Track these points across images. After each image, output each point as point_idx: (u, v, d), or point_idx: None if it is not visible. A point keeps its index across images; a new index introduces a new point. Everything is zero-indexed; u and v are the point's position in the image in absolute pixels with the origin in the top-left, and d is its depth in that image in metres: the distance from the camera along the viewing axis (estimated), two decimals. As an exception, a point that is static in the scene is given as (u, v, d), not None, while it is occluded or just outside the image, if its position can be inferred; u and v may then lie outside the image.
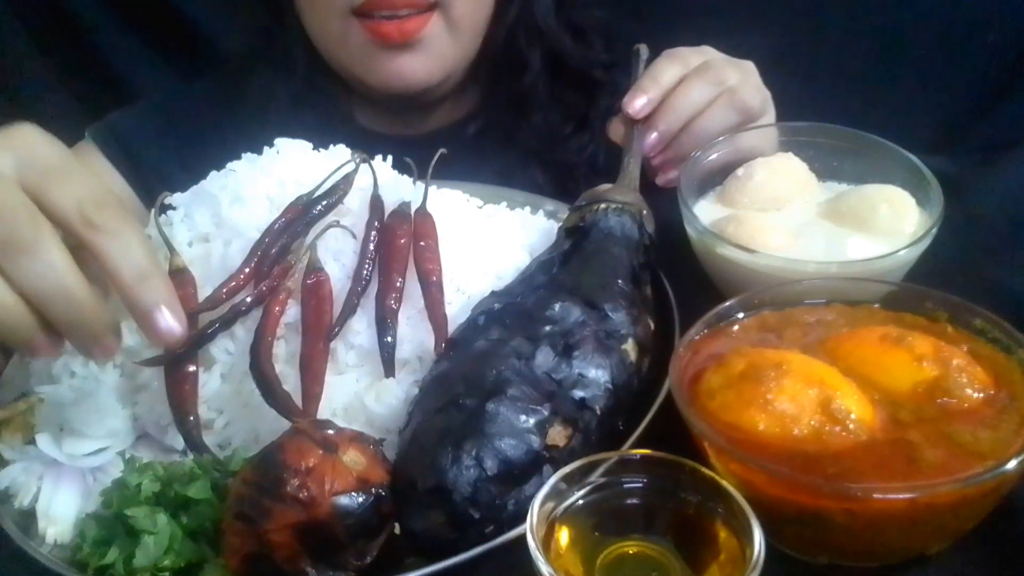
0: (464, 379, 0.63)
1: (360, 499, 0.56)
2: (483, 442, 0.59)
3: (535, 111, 1.12)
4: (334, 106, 1.12)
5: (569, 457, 0.60)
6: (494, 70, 1.12)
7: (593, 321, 0.68)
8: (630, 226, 0.77)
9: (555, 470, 0.56)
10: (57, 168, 0.58)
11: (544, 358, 0.64)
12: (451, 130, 1.16)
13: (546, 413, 0.61)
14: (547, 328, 0.66)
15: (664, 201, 0.81)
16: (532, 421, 0.61)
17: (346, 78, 1.09)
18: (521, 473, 0.59)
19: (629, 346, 0.68)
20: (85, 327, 0.57)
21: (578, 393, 0.63)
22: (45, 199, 0.56)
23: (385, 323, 0.69)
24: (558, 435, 0.61)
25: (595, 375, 0.64)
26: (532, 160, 1.11)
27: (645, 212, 0.80)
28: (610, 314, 0.68)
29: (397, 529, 0.59)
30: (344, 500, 0.55)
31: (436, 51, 1.02)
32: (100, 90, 1.43)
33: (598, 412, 0.64)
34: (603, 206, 0.78)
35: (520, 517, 0.55)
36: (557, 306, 0.68)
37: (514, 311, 0.69)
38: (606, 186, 0.82)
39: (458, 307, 0.74)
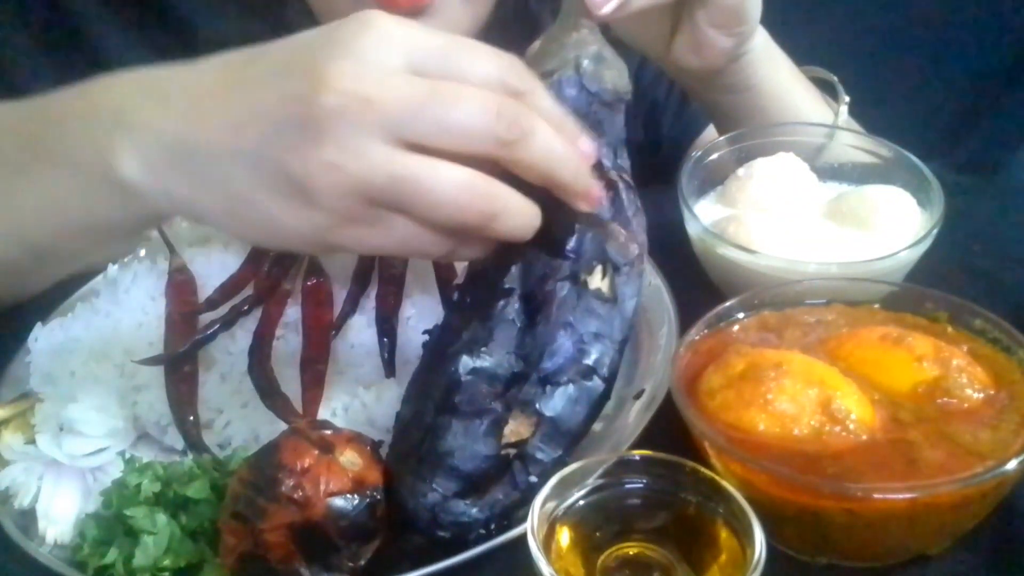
0: (422, 389, 0.60)
1: (355, 501, 0.56)
2: (437, 463, 0.56)
3: None
4: None
5: (551, 440, 0.57)
6: (505, 33, 1.01)
7: (554, 269, 0.60)
8: (574, 95, 0.62)
9: (529, 464, 0.55)
10: (452, 46, 0.57)
11: (504, 337, 0.59)
12: None
13: (499, 410, 0.57)
14: (501, 303, 0.60)
15: (664, 201, 0.81)
16: (485, 424, 0.56)
17: None
18: (485, 481, 0.57)
19: (597, 278, 0.61)
20: (585, 176, 0.60)
21: (546, 364, 0.58)
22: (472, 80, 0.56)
23: (385, 323, 0.69)
24: (520, 427, 0.57)
25: (560, 342, 0.58)
26: None
27: (586, 62, 0.63)
28: (573, 250, 0.60)
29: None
30: (339, 501, 0.55)
31: (450, 18, 0.93)
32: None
33: (566, 379, 0.58)
34: None
35: (504, 517, 0.55)
36: (514, 268, 0.61)
37: (474, 290, 0.63)
38: (534, 47, 0.67)
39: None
